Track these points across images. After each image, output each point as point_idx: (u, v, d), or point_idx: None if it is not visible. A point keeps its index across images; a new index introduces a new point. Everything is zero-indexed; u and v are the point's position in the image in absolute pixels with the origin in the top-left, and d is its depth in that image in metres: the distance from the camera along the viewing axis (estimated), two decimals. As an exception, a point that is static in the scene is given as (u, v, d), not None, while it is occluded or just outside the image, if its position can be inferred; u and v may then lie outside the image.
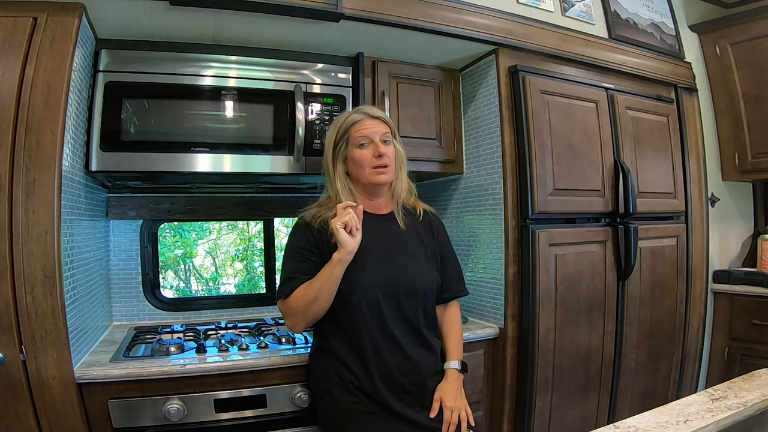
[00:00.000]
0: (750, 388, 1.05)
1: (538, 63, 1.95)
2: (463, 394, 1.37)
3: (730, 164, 2.50)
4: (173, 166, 1.60)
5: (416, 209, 1.46)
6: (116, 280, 1.97)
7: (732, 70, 2.42)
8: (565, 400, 1.90)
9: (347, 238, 1.21)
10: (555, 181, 1.87)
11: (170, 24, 1.57)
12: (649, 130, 2.19)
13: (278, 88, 1.73)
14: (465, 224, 2.11)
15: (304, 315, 1.28)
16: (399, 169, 1.40)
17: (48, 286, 1.24)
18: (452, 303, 1.48)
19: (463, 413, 1.33)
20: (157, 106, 1.59)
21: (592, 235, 1.98)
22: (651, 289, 2.13)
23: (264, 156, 1.70)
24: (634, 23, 2.26)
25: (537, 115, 1.86)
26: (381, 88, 1.90)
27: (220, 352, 1.50)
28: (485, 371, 1.85)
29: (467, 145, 2.09)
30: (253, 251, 2.55)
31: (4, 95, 1.25)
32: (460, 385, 1.37)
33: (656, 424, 0.88)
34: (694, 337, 2.33)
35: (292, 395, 1.45)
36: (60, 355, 1.25)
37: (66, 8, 1.34)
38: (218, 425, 1.39)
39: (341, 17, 1.58)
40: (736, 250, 2.62)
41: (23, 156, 1.24)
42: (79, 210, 1.49)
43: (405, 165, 1.44)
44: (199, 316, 2.08)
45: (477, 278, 2.01)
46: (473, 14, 1.80)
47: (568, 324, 1.89)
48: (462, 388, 1.38)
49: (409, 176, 1.47)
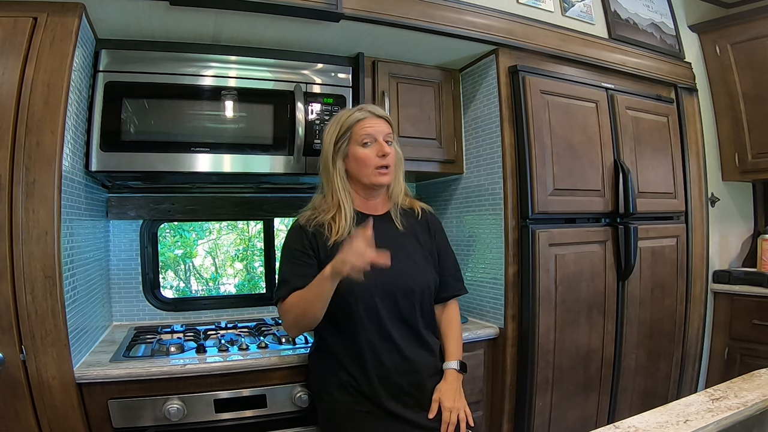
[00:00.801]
0: (750, 388, 1.05)
1: (538, 63, 1.95)
2: (462, 394, 1.37)
3: (730, 164, 2.50)
4: (173, 166, 1.60)
5: (414, 208, 1.46)
6: (116, 280, 1.97)
7: (732, 70, 2.42)
8: (565, 400, 1.90)
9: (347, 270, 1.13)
10: (555, 181, 1.87)
11: (170, 24, 1.57)
12: (649, 130, 2.19)
13: (278, 88, 1.73)
14: (465, 224, 2.11)
15: (297, 324, 1.29)
16: (397, 171, 1.40)
17: (48, 286, 1.24)
18: (451, 302, 1.47)
19: (462, 413, 1.33)
20: (157, 106, 1.59)
21: (592, 235, 1.98)
22: (651, 289, 2.13)
23: (264, 156, 1.70)
24: (634, 23, 2.26)
25: (537, 115, 1.85)
26: (381, 88, 1.90)
27: (220, 352, 1.50)
28: (485, 371, 1.85)
29: (467, 145, 2.09)
30: (253, 251, 2.55)
31: (4, 95, 1.25)
32: (459, 385, 1.37)
33: (656, 424, 0.88)
34: (694, 337, 2.33)
35: (292, 395, 1.45)
36: (60, 355, 1.25)
37: (66, 8, 1.34)
38: (218, 425, 1.39)
39: (341, 17, 1.58)
40: (736, 250, 2.62)
41: (23, 156, 1.24)
42: (79, 210, 1.49)
43: (403, 167, 1.43)
44: (199, 316, 2.08)
45: (477, 278, 2.01)
46: (473, 14, 1.80)
47: (568, 324, 1.89)
48: (461, 389, 1.37)
49: (405, 177, 1.47)
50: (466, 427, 1.33)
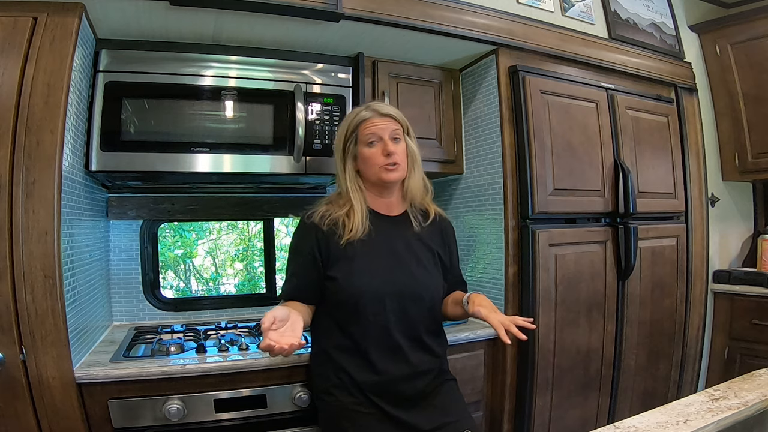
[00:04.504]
0: (750, 388, 1.05)
1: (538, 63, 1.95)
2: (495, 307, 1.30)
3: (730, 164, 2.50)
4: (173, 166, 1.60)
5: (428, 211, 1.42)
6: (116, 280, 1.96)
7: (732, 70, 2.42)
8: (565, 400, 1.90)
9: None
10: (555, 181, 1.87)
11: (170, 24, 1.57)
12: (649, 130, 2.19)
13: (278, 88, 1.73)
14: (465, 224, 2.11)
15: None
16: (411, 167, 1.37)
17: (48, 286, 1.24)
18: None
19: (518, 320, 1.20)
20: (157, 106, 1.59)
21: (592, 235, 1.98)
22: (651, 289, 2.13)
23: (264, 156, 1.70)
24: (634, 23, 2.26)
25: (537, 115, 1.85)
26: (381, 88, 1.90)
27: (220, 352, 1.50)
28: (485, 371, 1.85)
29: (467, 145, 2.09)
30: (253, 251, 2.55)
31: (4, 95, 1.25)
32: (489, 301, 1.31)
33: (656, 424, 0.88)
34: (694, 337, 2.33)
35: (292, 395, 1.45)
36: (60, 355, 1.25)
37: (66, 8, 1.34)
38: (218, 425, 1.39)
39: (341, 17, 1.58)
40: (736, 250, 2.62)
41: (23, 156, 1.24)
42: (79, 210, 1.49)
43: (419, 162, 1.39)
44: (199, 316, 2.07)
45: (477, 278, 2.01)
46: (473, 14, 1.81)
47: (568, 324, 1.89)
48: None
49: (425, 176, 1.42)
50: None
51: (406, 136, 1.37)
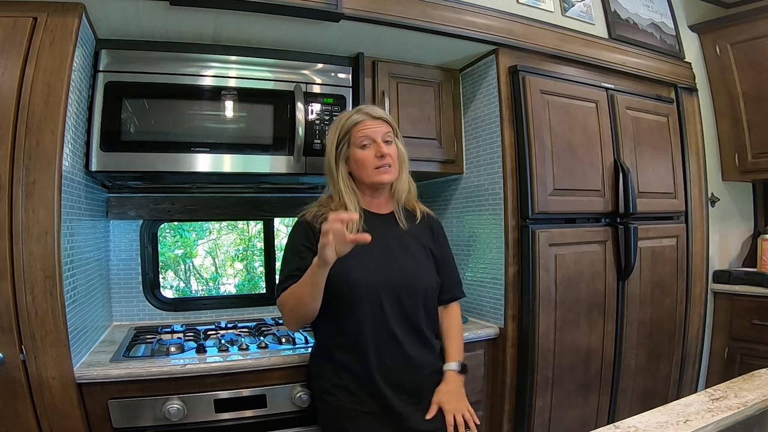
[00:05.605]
0: (750, 388, 1.05)
1: (538, 63, 1.95)
2: (463, 395, 1.37)
3: (730, 164, 2.50)
4: (173, 166, 1.60)
5: (415, 210, 1.46)
6: (116, 280, 1.97)
7: (732, 70, 2.42)
8: (565, 400, 1.90)
9: (330, 252, 1.11)
10: (555, 181, 1.87)
11: (170, 24, 1.57)
12: (649, 130, 2.19)
13: (278, 88, 1.73)
14: (465, 224, 2.11)
15: (293, 316, 1.28)
16: (401, 169, 1.40)
17: (48, 286, 1.24)
18: (453, 305, 1.48)
19: (467, 414, 1.33)
20: (157, 106, 1.59)
21: (592, 235, 1.98)
22: (651, 289, 2.13)
23: (264, 156, 1.70)
24: (634, 23, 2.26)
25: (537, 115, 1.85)
26: (381, 88, 1.90)
27: (220, 352, 1.50)
28: (485, 371, 1.85)
29: (467, 145, 2.09)
30: (253, 251, 2.55)
31: (4, 95, 1.25)
32: (460, 387, 1.37)
33: (656, 424, 0.88)
34: (694, 337, 2.33)
35: (292, 395, 1.45)
36: (60, 355, 1.25)
37: (66, 8, 1.34)
38: (218, 425, 1.39)
39: (341, 17, 1.58)
40: (736, 250, 2.62)
41: (23, 156, 1.24)
42: (79, 210, 1.49)
43: (407, 164, 1.43)
44: (199, 316, 2.08)
45: (477, 278, 2.01)
46: (473, 14, 1.80)
47: (568, 324, 1.89)
48: (462, 390, 1.37)
49: (410, 176, 1.46)
50: (473, 426, 1.33)
51: (396, 139, 1.40)
